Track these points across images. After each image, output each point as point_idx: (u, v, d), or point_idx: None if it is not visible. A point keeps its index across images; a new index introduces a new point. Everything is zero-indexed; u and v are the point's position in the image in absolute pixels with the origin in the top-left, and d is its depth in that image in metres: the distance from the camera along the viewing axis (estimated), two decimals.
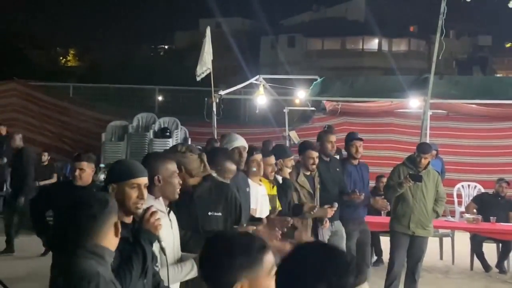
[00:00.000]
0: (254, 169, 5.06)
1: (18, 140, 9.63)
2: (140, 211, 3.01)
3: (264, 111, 12.68)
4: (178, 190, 3.42)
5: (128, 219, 3.02)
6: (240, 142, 4.90)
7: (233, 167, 4.33)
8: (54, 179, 12.70)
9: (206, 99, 10.45)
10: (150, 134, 13.30)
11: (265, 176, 5.32)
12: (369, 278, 6.98)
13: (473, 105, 11.25)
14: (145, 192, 3.03)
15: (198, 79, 9.59)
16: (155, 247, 3.10)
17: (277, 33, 46.85)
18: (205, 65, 9.68)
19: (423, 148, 7.14)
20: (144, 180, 3.04)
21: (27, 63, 25.01)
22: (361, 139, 6.92)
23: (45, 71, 25.38)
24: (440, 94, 9.92)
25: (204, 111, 10.43)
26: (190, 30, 43.26)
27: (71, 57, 44.04)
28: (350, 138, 6.96)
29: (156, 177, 3.31)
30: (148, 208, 3.02)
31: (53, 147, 14.15)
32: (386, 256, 8.14)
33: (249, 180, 5.05)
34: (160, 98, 18.47)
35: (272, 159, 5.48)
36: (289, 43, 47.39)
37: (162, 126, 13.51)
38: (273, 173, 5.49)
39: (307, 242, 1.94)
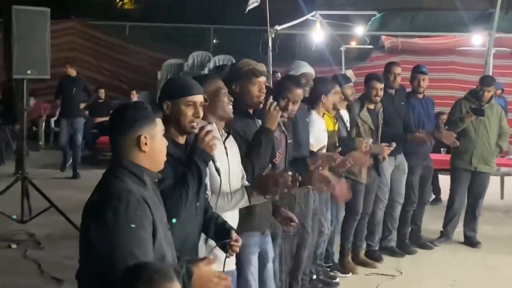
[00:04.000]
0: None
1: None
2: (196, 130, 2.89)
3: (321, 49, 12.42)
4: (230, 106, 3.26)
5: (182, 139, 2.92)
6: (308, 68, 4.76)
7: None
8: None
9: (262, 35, 10.26)
10: (205, 72, 13.24)
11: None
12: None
13: None
14: (201, 110, 2.91)
15: (246, 10, 9.34)
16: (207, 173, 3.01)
17: None
18: None
19: (486, 80, 6.88)
20: (200, 98, 2.91)
21: (84, 3, 25.15)
22: (424, 73, 6.65)
23: (102, 13, 25.46)
24: (505, 29, 9.51)
25: (259, 49, 10.27)
26: None
27: (127, 0, 43.99)
28: (413, 71, 6.71)
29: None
30: (202, 127, 2.89)
31: (110, 85, 14.29)
32: (444, 195, 8.00)
33: (312, 112, 4.94)
34: (215, 37, 18.35)
35: (338, 88, 5.35)
36: None
37: (217, 64, 13.43)
38: (342, 103, 5.38)
39: None
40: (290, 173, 3.28)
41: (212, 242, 3.05)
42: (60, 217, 6.79)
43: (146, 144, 2.38)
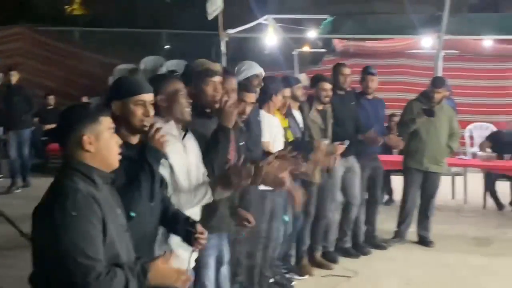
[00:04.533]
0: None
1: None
2: (147, 129, 2.85)
3: (274, 53, 12.45)
4: (188, 110, 3.23)
5: (134, 139, 2.86)
6: (259, 69, 4.73)
7: None
8: None
9: (215, 39, 10.22)
10: None
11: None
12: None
13: (488, 40, 10.90)
14: (151, 109, 2.86)
15: (209, 17, 9.20)
16: (165, 171, 2.98)
17: None
18: (215, 4, 9.34)
19: (437, 82, 6.99)
20: (149, 97, 2.86)
21: (32, 10, 24.71)
22: (372, 74, 6.71)
23: (51, 19, 25.03)
24: (453, 32, 9.68)
25: (212, 54, 10.23)
26: None
27: (77, 6, 43.33)
28: (362, 72, 6.78)
29: (158, 98, 3.13)
30: (152, 125, 2.85)
31: (60, 92, 13.99)
32: (396, 196, 8.09)
33: (261, 111, 4.92)
34: (167, 42, 18.24)
35: (287, 91, 5.36)
36: None
37: (170, 68, 13.29)
38: (285, 108, 5.36)
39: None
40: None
41: (174, 241, 2.99)
42: (8, 226, 6.60)
43: (90, 144, 2.36)
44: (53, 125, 11.64)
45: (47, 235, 2.21)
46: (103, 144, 2.39)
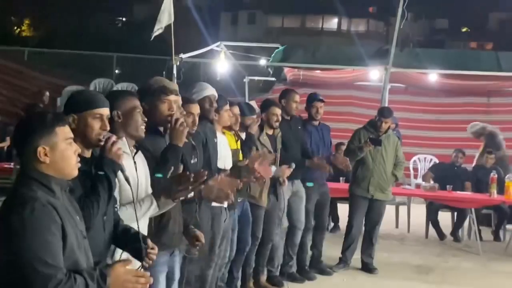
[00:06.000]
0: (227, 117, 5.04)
1: None
2: (102, 143, 2.86)
3: (225, 79, 12.55)
4: (143, 127, 3.25)
5: (88, 153, 2.86)
6: (211, 91, 4.73)
7: None
8: (7, 142, 12.39)
9: (167, 62, 10.24)
10: None
11: (229, 127, 5.26)
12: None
13: (433, 75, 11.24)
14: (107, 123, 2.88)
15: (152, 37, 9.20)
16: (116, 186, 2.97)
17: (237, 9, 46.49)
18: (159, 24, 9.31)
19: (384, 112, 7.18)
20: (106, 111, 2.89)
21: None
22: (322, 100, 6.84)
23: None
24: (400, 65, 9.98)
25: (163, 77, 10.20)
26: (149, 3, 42.41)
27: (26, 27, 42.77)
28: (311, 99, 6.87)
29: (115, 113, 3.14)
30: (108, 138, 2.85)
31: (6, 111, 13.75)
32: (342, 223, 8.20)
33: (218, 134, 4.95)
34: (117, 66, 18.16)
35: (236, 109, 5.40)
36: (249, 19, 47.08)
37: None
38: (237, 124, 5.40)
39: None
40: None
41: (117, 256, 2.97)
42: None
43: (46, 155, 2.36)
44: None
45: (4, 244, 2.18)
46: (59, 155, 2.38)
